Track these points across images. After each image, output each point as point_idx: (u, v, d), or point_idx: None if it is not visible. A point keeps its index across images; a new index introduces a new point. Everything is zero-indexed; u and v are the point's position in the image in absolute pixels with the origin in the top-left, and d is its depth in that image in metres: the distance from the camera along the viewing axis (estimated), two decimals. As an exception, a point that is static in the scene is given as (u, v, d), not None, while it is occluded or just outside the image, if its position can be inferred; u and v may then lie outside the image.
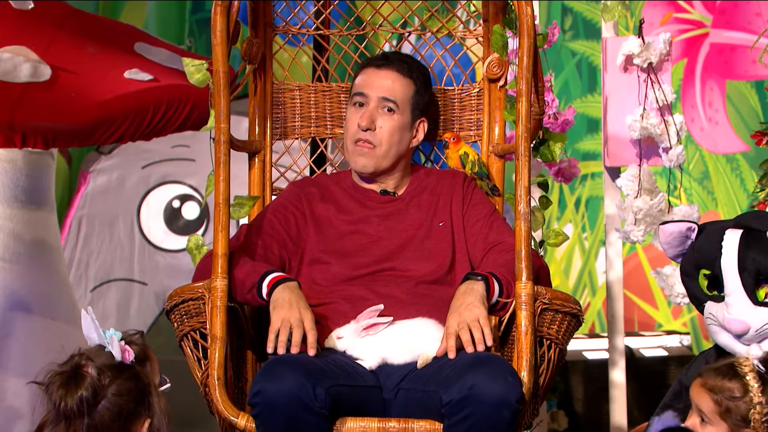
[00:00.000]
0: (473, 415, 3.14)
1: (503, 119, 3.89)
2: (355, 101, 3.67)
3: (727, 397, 3.11)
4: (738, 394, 3.10)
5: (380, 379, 3.35)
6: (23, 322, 4.62)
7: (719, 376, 3.14)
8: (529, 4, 3.42)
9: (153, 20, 6.30)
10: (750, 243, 3.34)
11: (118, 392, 2.96)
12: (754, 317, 3.31)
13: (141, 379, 3.02)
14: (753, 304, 3.32)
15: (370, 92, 3.65)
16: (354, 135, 3.64)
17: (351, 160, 3.67)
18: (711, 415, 3.12)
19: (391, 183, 3.70)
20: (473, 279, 3.37)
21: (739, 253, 3.33)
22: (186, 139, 5.49)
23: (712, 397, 3.12)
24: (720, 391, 3.12)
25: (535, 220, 3.91)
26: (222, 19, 3.43)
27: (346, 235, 3.60)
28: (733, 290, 3.33)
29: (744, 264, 3.33)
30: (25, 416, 4.45)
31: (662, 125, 4.25)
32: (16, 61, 4.14)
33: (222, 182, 3.37)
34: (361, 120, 3.62)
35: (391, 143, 3.65)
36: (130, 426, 2.99)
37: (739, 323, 3.32)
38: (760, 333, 3.31)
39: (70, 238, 5.68)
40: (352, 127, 3.65)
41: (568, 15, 6.68)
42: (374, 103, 3.64)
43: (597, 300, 6.64)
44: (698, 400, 3.15)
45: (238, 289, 3.38)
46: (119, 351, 3.02)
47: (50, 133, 4.16)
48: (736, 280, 3.33)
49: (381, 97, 3.64)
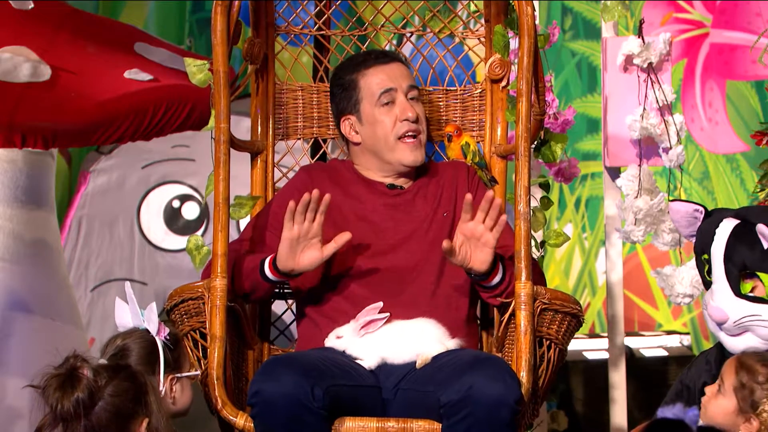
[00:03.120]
0: (472, 416, 3.14)
1: (505, 120, 3.89)
2: (383, 101, 3.66)
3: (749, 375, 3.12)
4: (761, 379, 3.12)
5: (379, 379, 3.35)
6: (23, 322, 4.62)
7: (755, 358, 3.18)
8: (530, 4, 3.42)
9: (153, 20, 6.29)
10: (741, 235, 3.36)
11: (114, 392, 2.97)
12: (734, 308, 3.33)
13: (137, 378, 3.02)
14: (734, 295, 3.34)
15: (396, 85, 3.66)
16: (398, 130, 3.64)
17: (399, 156, 3.65)
18: (728, 387, 3.15)
19: (401, 178, 3.71)
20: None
21: (727, 243, 3.36)
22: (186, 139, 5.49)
23: (737, 370, 3.15)
24: (747, 368, 3.14)
25: (536, 221, 3.91)
26: (222, 19, 3.43)
27: (353, 222, 3.60)
28: (718, 278, 3.36)
29: (730, 254, 3.35)
30: (25, 416, 4.45)
31: (662, 125, 4.25)
32: (16, 61, 4.14)
33: (222, 182, 3.37)
34: (409, 111, 3.64)
35: (425, 130, 3.71)
36: (128, 426, 2.99)
37: (718, 311, 3.35)
38: (738, 325, 3.33)
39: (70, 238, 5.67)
40: (390, 126, 3.64)
41: (568, 15, 6.68)
42: (403, 94, 3.66)
43: (597, 300, 6.64)
44: (725, 371, 3.19)
45: (243, 278, 3.40)
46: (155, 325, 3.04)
47: (50, 133, 4.16)
48: (722, 269, 3.35)
49: (408, 85, 3.68)
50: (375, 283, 3.51)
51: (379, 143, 3.66)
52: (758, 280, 3.35)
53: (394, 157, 3.65)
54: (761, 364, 3.15)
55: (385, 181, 3.69)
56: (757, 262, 3.33)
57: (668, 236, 4.20)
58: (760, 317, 3.29)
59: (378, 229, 3.60)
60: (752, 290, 3.36)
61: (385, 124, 3.65)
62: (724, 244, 3.36)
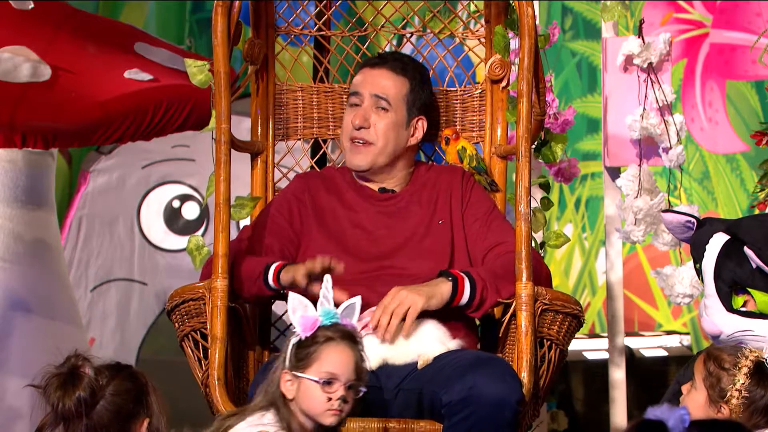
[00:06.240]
0: (473, 416, 3.14)
1: (505, 120, 3.89)
2: (351, 102, 3.69)
3: (715, 364, 3.11)
4: (727, 366, 3.11)
5: (381, 380, 3.35)
6: (23, 322, 4.62)
7: (723, 348, 3.16)
8: (530, 4, 3.42)
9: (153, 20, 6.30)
10: (730, 252, 3.35)
11: (116, 392, 2.96)
12: (726, 323, 3.33)
13: (138, 378, 3.02)
14: (726, 311, 3.34)
15: (363, 91, 3.66)
16: (349, 133, 3.66)
17: (347, 159, 3.68)
18: (698, 380, 3.13)
19: (391, 182, 3.70)
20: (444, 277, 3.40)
21: (717, 260, 3.35)
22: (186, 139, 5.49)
23: (705, 361, 3.13)
24: (715, 358, 3.12)
25: (536, 221, 3.91)
26: (223, 19, 3.43)
27: (348, 230, 3.61)
28: (709, 294, 3.36)
29: (720, 271, 3.35)
30: (25, 416, 4.45)
31: (662, 125, 4.25)
32: (16, 61, 4.14)
33: (223, 182, 3.37)
34: (354, 118, 3.64)
35: (387, 140, 3.65)
36: (128, 426, 2.98)
37: (711, 326, 3.35)
38: (732, 338, 3.33)
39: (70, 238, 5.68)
40: (347, 126, 3.67)
41: (568, 15, 6.68)
42: (368, 101, 3.66)
43: (597, 300, 6.64)
44: (696, 366, 3.16)
45: (245, 284, 3.40)
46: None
47: (50, 133, 4.16)
48: (713, 286, 3.35)
49: (373, 94, 3.66)
50: (373, 286, 3.50)
51: (342, 141, 3.69)
52: (749, 295, 3.35)
53: (346, 158, 3.68)
54: (727, 353, 3.14)
55: (374, 186, 3.69)
56: (746, 278, 3.33)
57: (668, 236, 4.19)
58: (753, 332, 3.29)
59: (372, 237, 3.60)
60: (744, 305, 3.36)
61: (345, 123, 3.69)
62: (714, 262, 3.37)
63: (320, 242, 3.58)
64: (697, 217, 3.49)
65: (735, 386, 3.08)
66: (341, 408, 2.97)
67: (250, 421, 3.01)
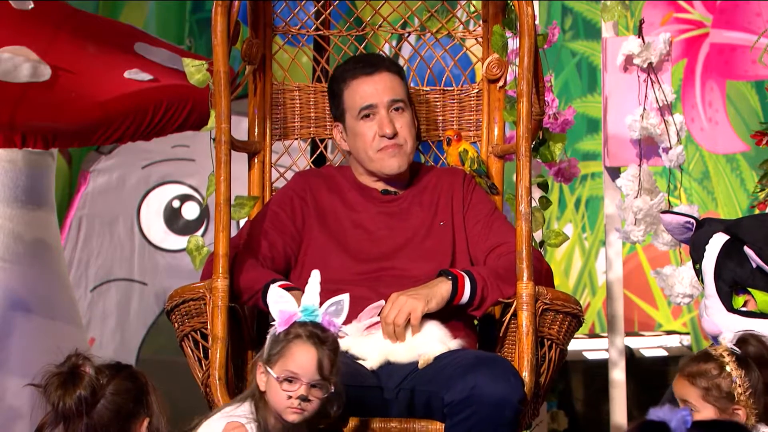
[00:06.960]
0: (475, 415, 3.14)
1: (503, 120, 3.89)
2: (363, 114, 3.66)
3: (707, 378, 3.10)
4: (715, 372, 3.10)
5: (381, 379, 3.35)
6: (23, 322, 4.62)
7: (695, 363, 3.14)
8: (530, 4, 3.42)
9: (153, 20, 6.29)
10: (730, 252, 3.35)
11: (116, 391, 2.96)
12: (727, 324, 3.33)
13: (138, 378, 3.02)
14: (727, 311, 3.34)
15: (377, 101, 3.65)
16: (376, 145, 3.64)
17: (379, 166, 3.64)
18: (696, 401, 3.11)
19: (394, 183, 3.70)
20: (444, 276, 3.40)
21: (717, 260, 3.35)
22: (186, 139, 5.49)
23: (692, 382, 3.11)
24: (699, 374, 3.11)
25: (535, 221, 3.91)
26: (223, 19, 3.43)
27: (349, 230, 3.61)
28: (710, 294, 3.36)
29: (720, 272, 3.35)
30: (25, 416, 4.45)
31: (662, 125, 4.25)
32: (16, 61, 4.14)
33: (223, 182, 3.37)
34: (387, 128, 3.62)
35: (411, 138, 3.68)
36: (129, 425, 2.98)
37: (712, 326, 3.35)
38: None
39: (70, 238, 5.68)
40: (369, 139, 3.64)
41: (568, 15, 6.68)
42: (384, 109, 3.64)
43: (597, 300, 6.64)
44: (682, 392, 3.14)
45: (244, 294, 3.39)
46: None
47: (50, 133, 4.16)
48: (713, 286, 3.35)
49: (389, 100, 3.65)
50: (374, 286, 3.50)
51: (360, 154, 3.67)
52: (750, 295, 3.35)
53: (375, 167, 3.66)
54: (702, 362, 3.13)
55: (378, 186, 3.69)
56: (747, 278, 3.33)
57: (668, 236, 4.19)
58: (753, 332, 3.29)
59: (374, 238, 3.60)
60: (744, 305, 3.36)
61: (366, 137, 3.65)
62: (714, 262, 3.37)
63: (321, 241, 3.58)
64: (696, 218, 3.49)
65: (736, 383, 3.08)
66: (302, 407, 3.01)
67: (225, 411, 3.05)
